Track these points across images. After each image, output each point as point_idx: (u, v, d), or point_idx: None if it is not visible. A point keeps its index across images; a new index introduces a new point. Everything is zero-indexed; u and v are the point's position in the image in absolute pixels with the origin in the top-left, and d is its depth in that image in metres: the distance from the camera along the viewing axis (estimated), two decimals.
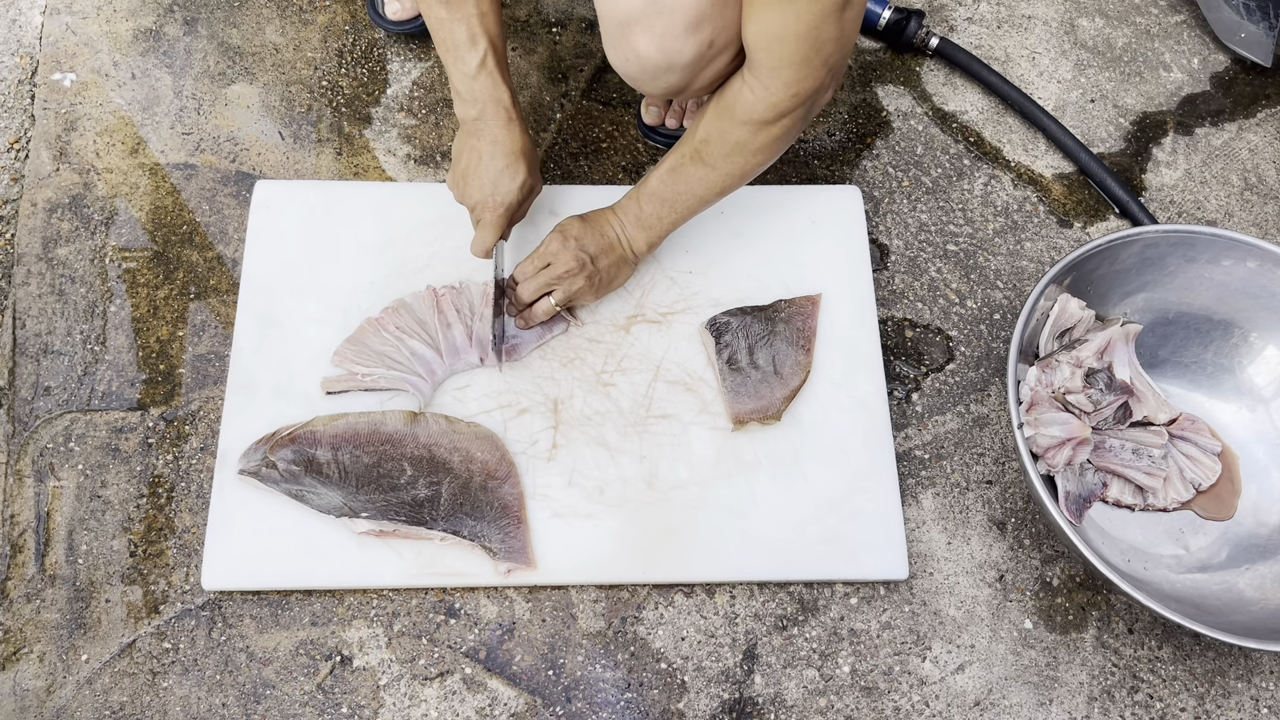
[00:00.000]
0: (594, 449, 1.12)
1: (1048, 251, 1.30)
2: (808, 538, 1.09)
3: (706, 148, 1.04)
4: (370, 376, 1.11)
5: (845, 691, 1.06)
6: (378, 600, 1.07)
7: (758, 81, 0.96)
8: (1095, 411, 1.11)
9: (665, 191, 1.09)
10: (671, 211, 1.10)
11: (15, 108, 1.31)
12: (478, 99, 1.05)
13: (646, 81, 1.02)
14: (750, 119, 0.99)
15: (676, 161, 1.07)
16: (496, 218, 1.08)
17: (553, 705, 1.04)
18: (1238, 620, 1.02)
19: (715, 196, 1.09)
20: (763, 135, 1.01)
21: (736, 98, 0.99)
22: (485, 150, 1.06)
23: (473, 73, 1.04)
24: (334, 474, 1.07)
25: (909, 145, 1.36)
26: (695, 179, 1.07)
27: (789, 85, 0.95)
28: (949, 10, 1.46)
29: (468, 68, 1.04)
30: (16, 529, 1.09)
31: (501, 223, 1.09)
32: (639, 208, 1.11)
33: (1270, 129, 1.41)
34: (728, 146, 1.03)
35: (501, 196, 1.07)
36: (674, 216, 1.11)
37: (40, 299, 1.19)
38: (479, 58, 1.04)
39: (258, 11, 1.38)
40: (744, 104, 0.98)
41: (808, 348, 1.18)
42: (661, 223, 1.11)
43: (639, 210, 1.11)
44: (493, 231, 1.09)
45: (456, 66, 1.05)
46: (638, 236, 1.12)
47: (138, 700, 1.02)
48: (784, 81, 0.95)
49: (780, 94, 0.96)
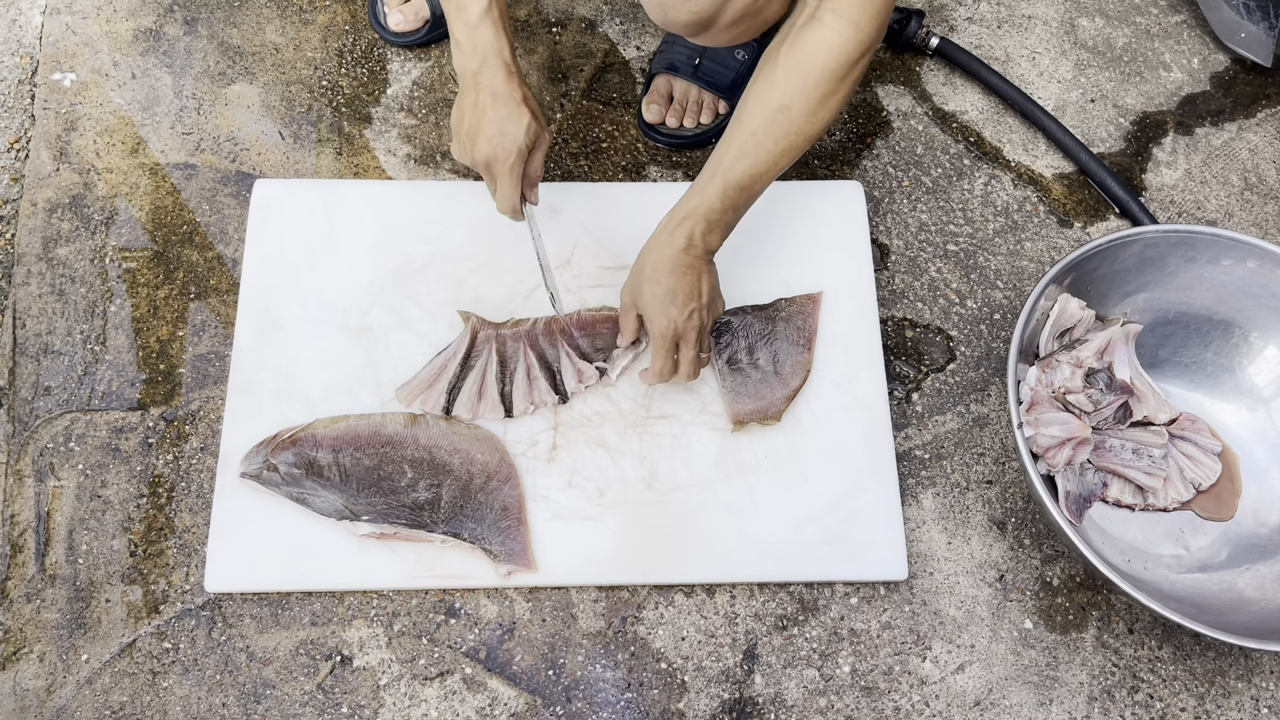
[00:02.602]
0: (594, 450, 1.12)
1: (1048, 251, 1.30)
2: (808, 538, 1.09)
3: (787, 114, 0.97)
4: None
5: (845, 691, 1.06)
6: (378, 600, 1.07)
7: (842, 20, 0.91)
8: (1095, 411, 1.11)
9: (744, 179, 1.00)
10: (750, 198, 1.02)
11: (15, 108, 1.31)
12: (479, 49, 1.02)
13: (676, 4, 0.96)
14: (839, 65, 0.93)
15: (749, 142, 0.99)
16: (510, 167, 1.03)
17: (553, 705, 1.04)
18: (1238, 620, 1.02)
19: (786, 168, 1.01)
20: (848, 82, 0.95)
21: (819, 45, 0.93)
22: (486, 103, 1.03)
23: (475, 21, 1.01)
24: (335, 477, 1.07)
25: (909, 145, 1.36)
26: (778, 152, 0.99)
27: (877, 16, 0.91)
28: (949, 10, 1.46)
29: (470, 16, 1.01)
30: (16, 529, 1.09)
31: (518, 171, 1.04)
32: (710, 206, 1.01)
33: (1270, 129, 1.41)
34: (814, 103, 0.96)
35: (510, 143, 1.03)
36: (749, 202, 1.03)
37: (40, 299, 1.19)
38: (483, 6, 1.01)
39: (258, 11, 1.38)
40: (829, 49, 0.92)
41: (808, 347, 1.18)
42: (739, 213, 1.03)
43: (713, 208, 1.01)
44: (511, 181, 1.04)
45: (459, 15, 1.01)
46: (714, 238, 1.04)
47: (138, 700, 1.02)
48: (873, 13, 0.91)
49: (869, 28, 0.91)
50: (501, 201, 1.06)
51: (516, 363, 1.14)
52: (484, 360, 1.14)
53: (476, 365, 1.13)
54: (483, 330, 1.15)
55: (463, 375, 1.13)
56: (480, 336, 1.15)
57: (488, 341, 1.15)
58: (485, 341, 1.15)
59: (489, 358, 1.14)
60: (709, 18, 0.97)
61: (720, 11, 0.96)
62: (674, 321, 1.03)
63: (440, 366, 1.14)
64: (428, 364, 1.14)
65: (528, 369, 1.14)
